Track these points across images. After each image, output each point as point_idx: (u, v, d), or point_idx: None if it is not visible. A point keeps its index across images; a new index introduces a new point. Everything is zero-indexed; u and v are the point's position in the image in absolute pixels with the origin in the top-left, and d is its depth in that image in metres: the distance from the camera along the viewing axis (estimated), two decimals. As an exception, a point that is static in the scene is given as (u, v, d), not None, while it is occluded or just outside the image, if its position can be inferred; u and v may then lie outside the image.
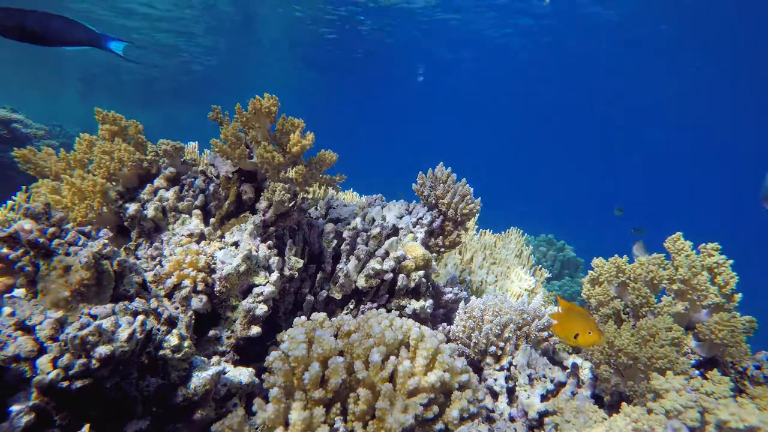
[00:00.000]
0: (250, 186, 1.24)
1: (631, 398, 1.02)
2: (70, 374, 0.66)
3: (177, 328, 0.85)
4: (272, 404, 0.81)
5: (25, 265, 0.76)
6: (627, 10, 7.76)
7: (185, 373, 0.84)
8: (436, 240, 1.58)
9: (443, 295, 1.43)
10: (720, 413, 0.81)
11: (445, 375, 0.88)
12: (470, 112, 20.92)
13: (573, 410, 0.99)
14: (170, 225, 1.20)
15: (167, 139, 1.26)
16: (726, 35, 8.28)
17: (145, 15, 8.25)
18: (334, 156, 1.27)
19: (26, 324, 0.70)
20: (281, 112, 1.23)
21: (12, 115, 4.29)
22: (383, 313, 1.01)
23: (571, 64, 10.81)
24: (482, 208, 1.60)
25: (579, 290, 2.96)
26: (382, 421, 0.81)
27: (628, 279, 1.20)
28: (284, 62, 11.66)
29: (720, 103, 11.98)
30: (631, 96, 13.24)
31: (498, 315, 1.25)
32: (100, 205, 1.13)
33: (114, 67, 12.21)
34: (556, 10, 8.00)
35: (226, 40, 9.80)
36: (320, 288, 1.27)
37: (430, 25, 9.05)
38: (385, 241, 1.30)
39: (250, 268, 1.09)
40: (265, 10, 8.18)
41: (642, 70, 10.91)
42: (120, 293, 0.85)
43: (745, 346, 1.08)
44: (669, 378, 0.91)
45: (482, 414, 1.05)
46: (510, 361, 1.21)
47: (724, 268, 1.13)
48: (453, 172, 1.57)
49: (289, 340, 0.90)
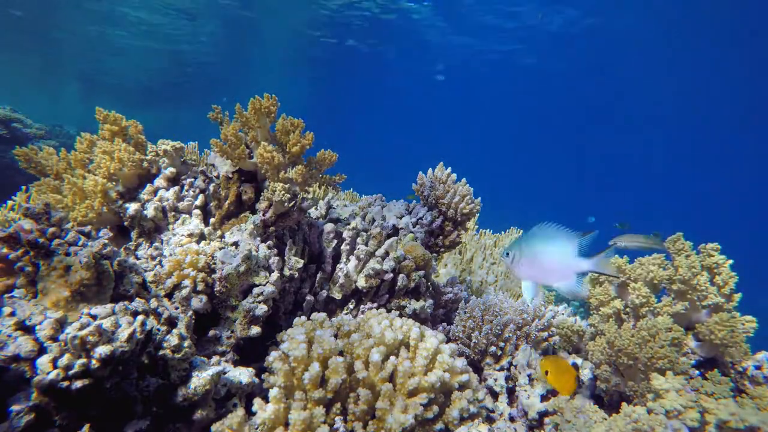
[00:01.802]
0: (250, 186, 1.24)
1: (631, 398, 1.02)
2: (70, 374, 0.66)
3: (177, 328, 0.85)
4: (272, 404, 0.81)
5: (25, 265, 0.76)
6: (628, 11, 7.76)
7: (185, 373, 0.84)
8: (436, 240, 1.58)
9: (443, 295, 1.43)
10: (720, 413, 0.81)
11: (445, 375, 0.88)
12: (471, 111, 20.93)
13: (573, 410, 0.99)
14: (170, 225, 1.20)
15: (167, 139, 1.26)
16: (726, 35, 8.28)
17: (144, 16, 8.26)
18: (334, 156, 1.27)
19: (26, 324, 0.70)
20: (281, 112, 1.23)
21: (12, 115, 4.29)
22: (383, 313, 1.01)
23: (571, 64, 10.81)
24: (482, 207, 1.60)
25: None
26: (382, 421, 0.81)
27: (629, 279, 1.20)
28: (284, 62, 11.66)
29: (720, 102, 11.98)
30: (632, 96, 13.25)
31: (498, 315, 1.25)
32: (101, 205, 1.13)
33: (114, 67, 12.20)
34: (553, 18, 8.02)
35: (227, 40, 9.81)
36: (320, 288, 1.27)
37: (431, 26, 9.06)
38: (385, 241, 1.30)
39: (250, 268, 1.09)
40: (266, 11, 8.18)
41: (642, 70, 10.92)
42: (120, 293, 0.85)
43: (745, 346, 1.08)
44: (669, 378, 0.91)
45: (482, 414, 1.05)
46: (510, 361, 1.21)
47: (723, 268, 1.13)
48: (453, 172, 1.57)
49: (289, 340, 0.90)
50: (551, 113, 18.09)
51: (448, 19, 8.75)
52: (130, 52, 10.43)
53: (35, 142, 4.28)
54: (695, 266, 1.12)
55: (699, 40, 8.64)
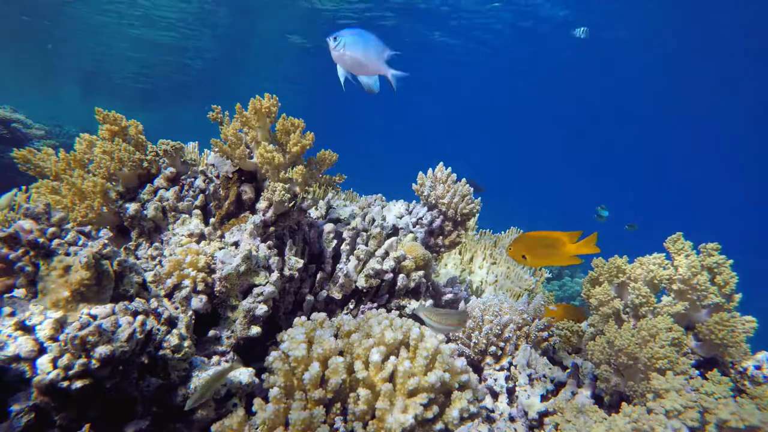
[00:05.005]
0: (250, 186, 1.24)
1: (631, 398, 1.02)
2: (70, 374, 0.66)
3: (177, 328, 0.85)
4: (272, 404, 0.81)
5: (25, 265, 0.76)
6: (628, 11, 7.76)
7: (185, 373, 0.84)
8: (436, 240, 1.58)
9: (443, 295, 1.43)
10: (720, 413, 0.81)
11: (445, 375, 0.88)
12: (471, 111, 20.92)
13: (573, 410, 0.99)
14: (170, 225, 1.20)
15: (167, 139, 1.26)
16: (725, 35, 8.28)
17: (145, 15, 8.26)
18: (334, 156, 1.27)
19: (26, 324, 0.70)
20: (281, 112, 1.23)
21: (12, 115, 4.29)
22: (383, 313, 1.01)
23: (571, 65, 10.81)
24: (482, 207, 1.60)
25: (579, 290, 2.96)
26: (382, 421, 0.81)
27: (628, 279, 1.20)
28: (285, 62, 11.66)
29: (720, 102, 11.98)
30: (632, 96, 13.25)
31: (498, 315, 1.25)
32: (100, 205, 1.13)
33: (114, 67, 12.21)
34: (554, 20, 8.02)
35: (227, 39, 9.80)
36: (320, 288, 1.27)
37: (430, 25, 9.05)
38: (385, 241, 1.30)
39: (250, 268, 1.09)
40: (265, 10, 8.18)
41: (643, 70, 10.91)
42: (120, 293, 0.85)
43: (745, 346, 1.08)
44: (669, 378, 0.91)
45: (482, 414, 1.05)
46: (510, 361, 1.21)
47: (724, 267, 1.12)
48: (453, 172, 1.57)
49: (289, 340, 0.90)
50: (552, 113, 18.08)
51: (448, 19, 8.75)
52: (131, 51, 10.43)
53: (35, 142, 4.28)
54: (695, 266, 1.12)
55: (698, 40, 8.64)
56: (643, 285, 1.15)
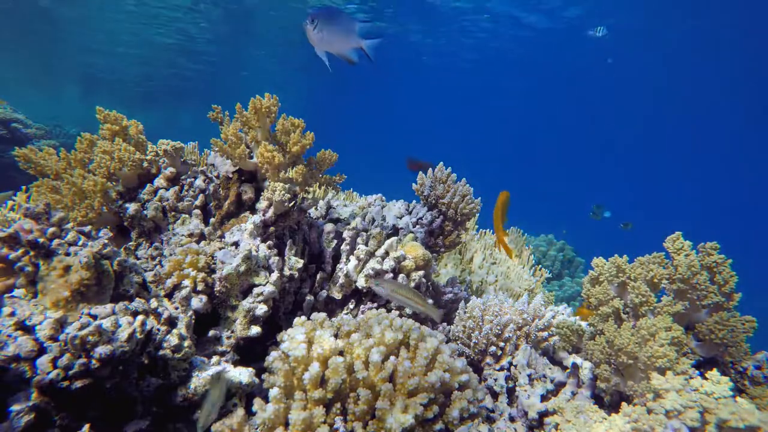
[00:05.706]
0: (250, 186, 1.24)
1: (631, 398, 1.02)
2: (70, 374, 0.66)
3: (177, 328, 0.85)
4: (272, 404, 0.81)
5: (25, 265, 0.76)
6: (631, 12, 7.76)
7: (185, 373, 0.84)
8: (436, 240, 1.58)
9: (443, 295, 1.43)
10: (720, 413, 0.81)
11: (445, 375, 0.88)
12: (471, 111, 20.92)
13: (573, 410, 0.99)
14: (170, 225, 1.20)
15: (167, 139, 1.26)
16: (726, 34, 8.28)
17: (143, 13, 8.25)
18: (334, 156, 1.27)
19: (26, 324, 0.70)
20: (281, 112, 1.23)
21: (12, 115, 4.30)
22: (383, 313, 1.01)
23: (572, 65, 10.80)
24: (482, 208, 1.60)
25: (579, 290, 2.96)
26: (382, 421, 0.81)
27: (628, 278, 1.20)
28: (284, 62, 11.65)
29: (720, 102, 11.97)
30: (632, 95, 13.24)
31: (498, 315, 1.25)
32: (100, 205, 1.13)
33: (114, 67, 12.21)
34: (554, 20, 8.02)
35: (226, 39, 9.80)
36: (320, 288, 1.27)
37: (431, 24, 9.05)
38: (385, 241, 1.30)
39: (250, 268, 1.09)
40: (264, 10, 8.18)
41: (643, 70, 10.90)
42: (120, 293, 0.85)
43: (745, 346, 1.08)
44: (669, 378, 0.91)
45: (482, 414, 1.05)
46: (510, 361, 1.21)
47: (723, 267, 1.12)
48: (453, 172, 1.57)
49: (289, 340, 0.90)
50: (552, 113, 18.08)
51: (448, 20, 8.75)
52: (131, 50, 10.43)
53: (35, 142, 4.28)
54: (695, 265, 1.12)
55: (698, 40, 8.64)
56: (643, 284, 1.15)
